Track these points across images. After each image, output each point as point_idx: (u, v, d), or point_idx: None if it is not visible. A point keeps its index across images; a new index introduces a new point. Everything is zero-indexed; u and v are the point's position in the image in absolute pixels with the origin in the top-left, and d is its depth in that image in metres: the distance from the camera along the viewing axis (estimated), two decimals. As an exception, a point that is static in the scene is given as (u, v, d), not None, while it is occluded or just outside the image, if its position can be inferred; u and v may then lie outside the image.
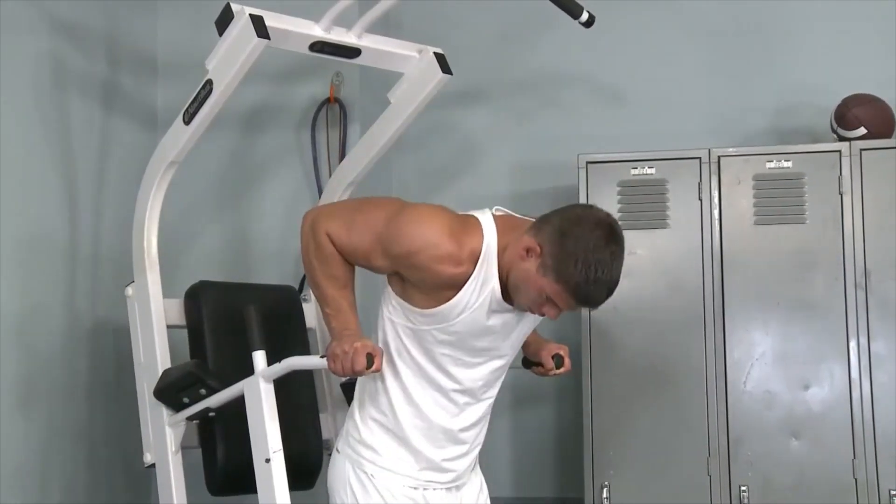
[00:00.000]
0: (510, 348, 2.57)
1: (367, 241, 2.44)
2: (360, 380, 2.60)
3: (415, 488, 2.53)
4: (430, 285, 2.39)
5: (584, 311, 3.58)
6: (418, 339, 2.47)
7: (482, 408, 2.59)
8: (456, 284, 2.38)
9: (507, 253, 2.39)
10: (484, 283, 2.39)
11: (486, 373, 2.54)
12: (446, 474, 2.57)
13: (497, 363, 2.55)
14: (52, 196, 3.58)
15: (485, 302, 2.40)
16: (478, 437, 2.63)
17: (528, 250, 2.34)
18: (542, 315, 2.44)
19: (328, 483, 2.62)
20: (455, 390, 2.51)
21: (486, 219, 2.43)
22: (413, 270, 2.39)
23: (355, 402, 2.60)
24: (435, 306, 2.41)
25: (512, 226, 2.44)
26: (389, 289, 2.51)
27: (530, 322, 2.56)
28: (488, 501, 2.71)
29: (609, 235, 2.33)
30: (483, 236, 2.39)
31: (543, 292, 2.35)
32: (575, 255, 2.29)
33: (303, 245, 2.51)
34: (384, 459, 2.52)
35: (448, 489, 2.58)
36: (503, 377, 2.62)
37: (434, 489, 2.55)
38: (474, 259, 2.37)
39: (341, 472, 2.56)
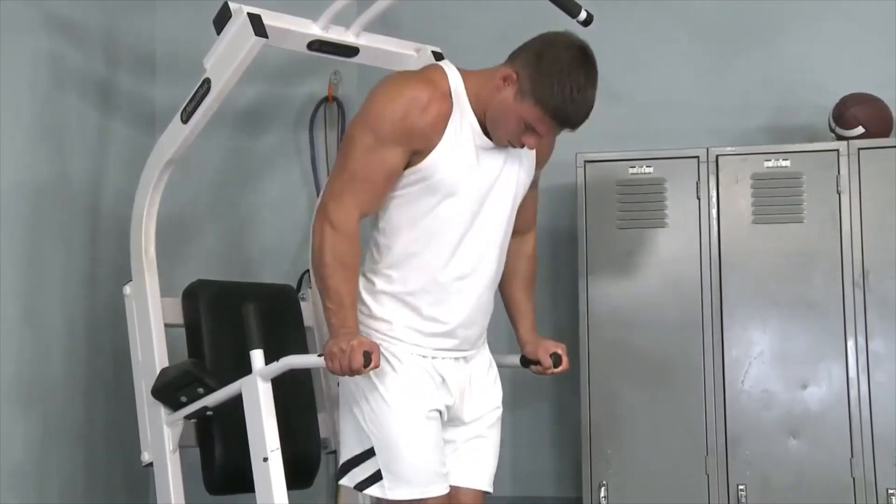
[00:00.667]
0: (506, 194, 2.57)
1: (368, 161, 2.44)
2: (366, 256, 2.59)
3: (423, 357, 2.53)
4: (428, 138, 2.43)
5: (583, 312, 3.58)
6: (417, 203, 2.49)
7: (488, 271, 2.57)
8: (442, 126, 2.44)
9: (481, 90, 2.48)
10: (462, 118, 2.47)
11: (488, 223, 2.54)
12: (454, 340, 2.56)
13: (498, 211, 2.56)
14: (50, 195, 3.57)
15: (468, 137, 2.47)
16: (487, 303, 2.61)
17: (504, 79, 2.44)
18: (522, 146, 2.49)
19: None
20: (462, 247, 2.51)
21: (445, 63, 2.56)
22: (413, 137, 2.43)
23: (361, 280, 2.56)
24: (426, 156, 2.44)
25: (476, 73, 2.54)
26: (380, 213, 2.54)
27: (518, 168, 2.58)
28: (498, 378, 2.71)
29: (583, 56, 2.43)
30: (447, 75, 2.50)
31: (522, 119, 2.42)
32: (551, 75, 2.38)
33: (316, 238, 2.48)
34: (394, 329, 2.52)
35: (456, 359, 2.58)
36: (507, 240, 2.61)
37: (443, 358, 2.55)
38: (448, 94, 2.47)
39: None
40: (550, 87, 2.38)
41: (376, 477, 2.49)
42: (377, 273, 2.56)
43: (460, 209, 2.50)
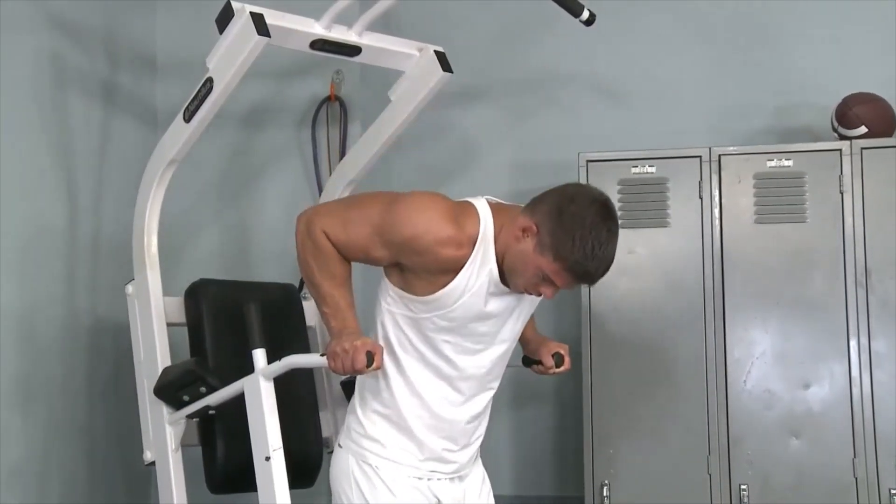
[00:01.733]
0: (510, 333, 2.57)
1: (364, 233, 2.45)
2: (360, 375, 2.60)
3: (419, 479, 2.53)
4: (430, 270, 2.41)
5: (585, 311, 3.58)
6: (419, 328, 2.48)
7: (485, 398, 2.60)
8: (455, 268, 2.40)
9: (501, 236, 2.42)
10: (482, 266, 2.41)
11: (488, 360, 2.54)
12: (449, 465, 2.57)
13: (499, 349, 2.56)
14: (52, 194, 3.58)
15: (483, 285, 2.42)
16: (479, 427, 2.63)
17: (524, 230, 2.38)
18: (539, 295, 2.46)
19: (331, 479, 2.62)
20: (458, 378, 2.52)
21: (481, 204, 2.47)
22: (414, 256, 2.40)
23: (356, 397, 2.60)
24: (434, 292, 2.42)
25: (503, 211, 2.48)
26: (387, 281, 2.52)
27: (528, 306, 2.57)
28: (491, 493, 2.71)
29: (605, 212, 2.39)
30: (479, 220, 2.43)
31: (541, 271, 2.38)
32: (572, 231, 2.33)
33: (298, 246, 2.51)
34: (388, 451, 2.52)
35: (451, 479, 2.59)
36: (505, 365, 2.62)
37: (438, 479, 2.56)
38: (472, 242, 2.41)
39: (344, 466, 2.56)
40: (571, 243, 2.32)
41: None
42: (371, 390, 2.56)
43: (460, 346, 2.50)
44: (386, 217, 2.42)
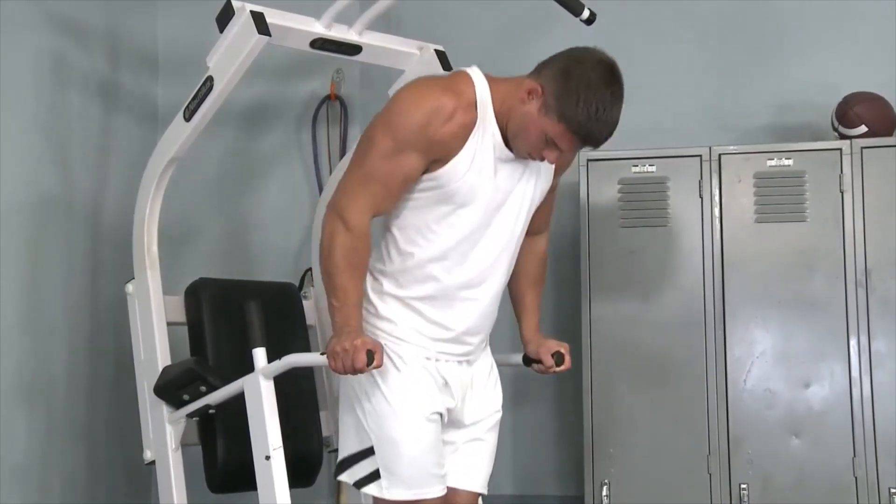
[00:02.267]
0: (519, 205, 2.54)
1: (385, 165, 2.42)
2: (374, 255, 2.57)
3: (427, 358, 2.52)
4: (450, 148, 2.41)
5: (585, 311, 3.58)
6: (430, 211, 2.47)
7: (495, 284, 2.56)
8: (465, 134, 2.41)
9: (505, 101, 2.44)
10: (485, 130, 2.44)
11: (498, 233, 2.52)
12: (459, 346, 2.55)
13: (507, 229, 2.53)
14: (52, 193, 3.58)
15: (489, 149, 2.44)
16: (489, 313, 2.60)
17: (529, 92, 2.40)
18: (543, 159, 2.46)
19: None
20: (469, 260, 2.50)
21: (472, 70, 2.51)
22: (434, 145, 2.40)
23: (368, 279, 2.56)
24: (446, 163, 2.42)
25: (502, 81, 2.50)
26: (393, 214, 2.51)
27: (534, 182, 2.55)
28: (499, 382, 2.70)
29: (610, 74, 2.40)
30: (474, 84, 2.46)
31: (545, 133, 2.39)
32: (577, 92, 2.34)
33: (325, 235, 2.46)
34: (399, 329, 2.51)
35: (460, 362, 2.57)
36: (514, 256, 2.59)
37: (447, 360, 2.54)
38: (473, 104, 2.43)
39: None
40: (576, 104, 2.34)
41: (374, 476, 2.49)
42: (385, 275, 2.55)
43: (473, 220, 2.49)
44: (389, 132, 2.41)
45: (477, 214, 2.49)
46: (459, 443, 2.61)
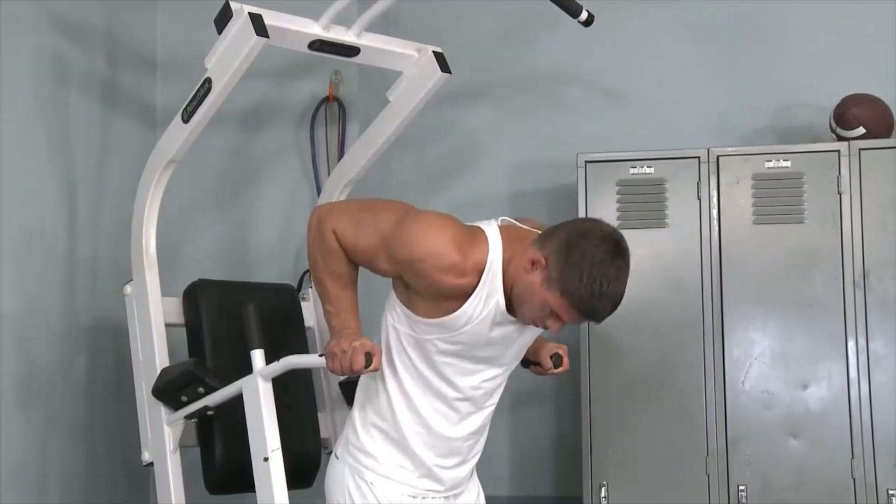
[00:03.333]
0: (512, 358, 2.57)
1: (372, 242, 2.44)
2: (360, 385, 2.60)
3: (413, 497, 2.53)
4: (432, 294, 2.39)
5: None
6: (420, 348, 2.47)
7: (482, 416, 2.59)
8: (459, 296, 2.37)
9: (511, 265, 2.38)
10: (489, 296, 2.38)
11: (487, 380, 2.53)
12: (445, 482, 2.57)
13: (498, 370, 2.55)
14: (52, 194, 3.58)
15: (489, 314, 2.40)
16: (476, 445, 2.63)
17: (533, 263, 2.33)
18: (546, 328, 2.42)
19: (326, 487, 2.62)
20: (456, 398, 2.51)
21: (491, 230, 2.42)
22: (416, 278, 2.39)
23: (356, 408, 2.59)
24: (439, 317, 2.40)
25: (517, 237, 2.43)
26: (394, 295, 2.51)
27: (532, 333, 2.56)
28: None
29: (615, 250, 2.32)
30: (489, 249, 2.38)
31: (548, 306, 2.33)
32: (580, 268, 2.28)
33: (308, 240, 2.51)
34: (384, 467, 2.51)
35: (446, 497, 2.58)
36: (504, 385, 2.61)
37: (433, 498, 2.55)
38: (479, 271, 2.36)
39: (340, 478, 2.56)
40: (579, 280, 2.28)
41: None
42: (372, 404, 2.55)
43: (461, 369, 2.49)
44: (394, 232, 2.40)
45: (467, 364, 2.49)
46: None
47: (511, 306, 2.40)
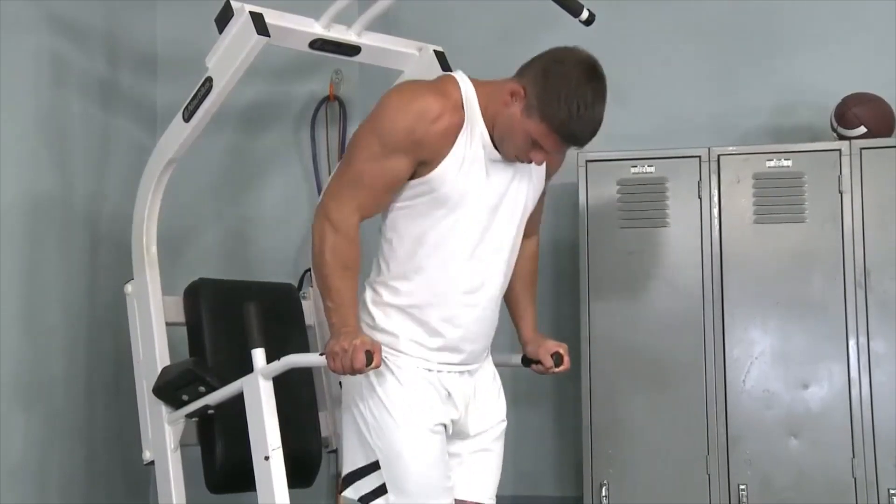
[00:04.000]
0: (514, 205, 2.55)
1: (373, 168, 2.43)
2: (374, 266, 2.58)
3: (429, 370, 2.51)
4: (438, 149, 2.41)
5: (584, 311, 3.58)
6: (426, 219, 2.47)
7: (494, 287, 2.56)
8: (454, 135, 2.42)
9: (490, 103, 2.45)
10: (473, 131, 2.44)
11: (496, 236, 2.53)
12: (460, 355, 2.54)
13: (505, 225, 2.54)
14: (52, 193, 3.57)
15: (479, 148, 2.45)
16: (490, 318, 2.59)
17: (512, 94, 2.40)
18: (530, 161, 2.46)
19: (343, 387, 2.59)
20: (468, 263, 2.50)
21: (458, 73, 2.52)
22: (422, 147, 2.41)
23: (367, 291, 2.56)
24: (437, 166, 2.42)
25: (488, 84, 2.50)
26: (389, 216, 2.52)
27: (528, 181, 2.56)
28: (502, 391, 2.69)
29: (591, 73, 2.39)
30: (459, 86, 2.47)
31: (529, 135, 2.40)
32: (558, 92, 2.35)
33: (316, 238, 2.47)
34: (399, 342, 2.50)
35: (461, 373, 2.56)
36: (513, 260, 2.60)
37: (448, 371, 2.54)
38: (459, 106, 2.44)
39: None
40: (557, 103, 2.34)
41: (381, 490, 2.48)
42: (383, 284, 2.54)
43: (469, 222, 2.49)
44: (377, 135, 2.42)
45: (472, 216, 2.49)
46: (465, 454, 2.61)
47: (497, 146, 2.46)
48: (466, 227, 2.49)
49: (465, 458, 2.61)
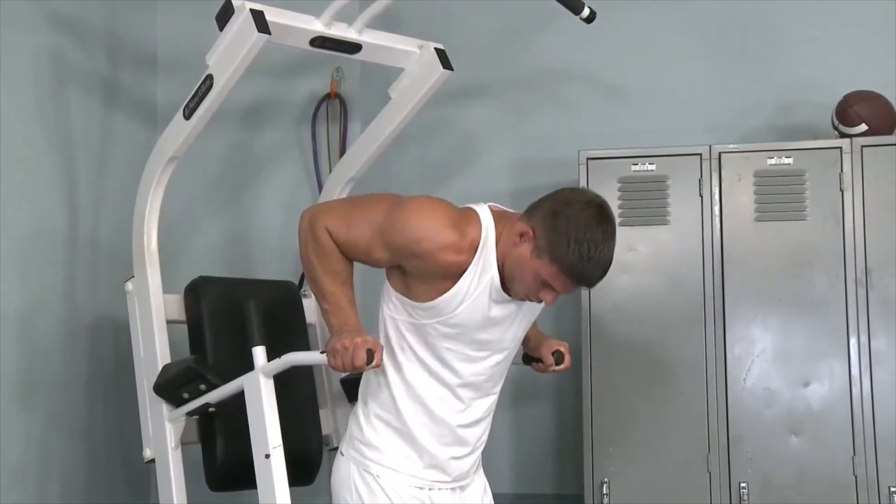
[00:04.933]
0: (512, 340, 2.57)
1: (366, 234, 2.45)
2: (363, 380, 2.60)
3: (420, 488, 2.53)
4: (431, 274, 2.41)
5: (585, 310, 3.58)
6: (421, 335, 2.48)
7: (486, 404, 2.59)
8: (456, 274, 2.40)
9: (501, 242, 2.43)
10: (483, 272, 2.42)
11: (489, 367, 2.54)
12: (451, 473, 2.57)
13: (499, 356, 2.56)
14: (53, 192, 3.57)
15: (485, 291, 2.43)
16: (482, 435, 2.63)
17: (521, 235, 2.39)
18: (540, 301, 2.45)
19: (332, 486, 2.62)
20: (459, 385, 2.52)
21: (483, 210, 2.48)
22: (415, 260, 2.41)
23: (359, 404, 2.60)
24: (435, 297, 2.42)
25: (506, 217, 2.49)
26: (388, 285, 2.52)
27: (530, 313, 2.58)
28: (492, 502, 2.71)
29: (600, 214, 2.39)
30: (481, 226, 2.43)
31: (539, 276, 2.38)
32: (567, 234, 2.34)
33: (301, 242, 2.52)
34: (389, 459, 2.52)
35: (453, 489, 2.58)
36: (506, 372, 2.62)
37: (439, 489, 2.55)
38: (474, 248, 2.41)
39: (346, 474, 2.56)
40: (567, 246, 2.33)
41: None
42: (376, 398, 2.56)
43: (464, 354, 2.50)
44: (388, 219, 2.43)
45: (468, 348, 2.50)
46: None
47: (505, 285, 2.44)
48: (459, 357, 2.50)
49: None
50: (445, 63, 3.15)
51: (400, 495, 2.50)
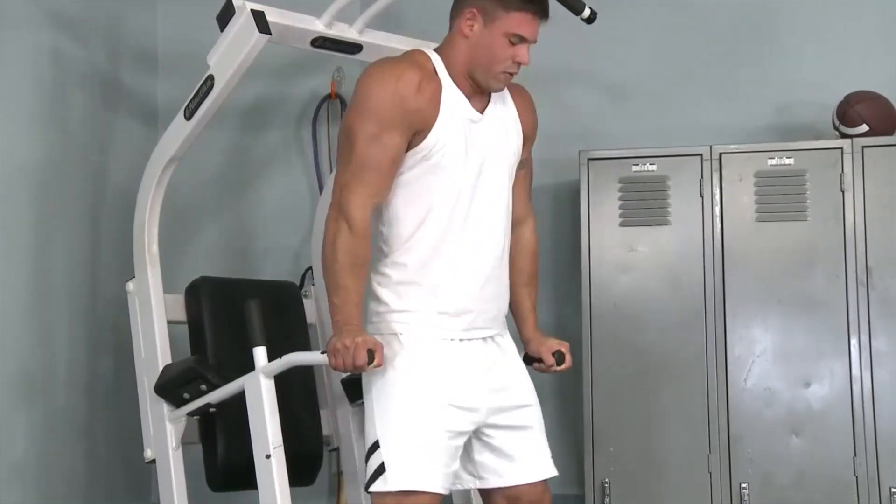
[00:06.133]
0: (500, 158, 2.60)
1: (372, 148, 2.45)
2: (374, 258, 2.58)
3: (452, 339, 2.51)
4: (427, 118, 2.47)
5: (585, 309, 3.58)
6: (421, 186, 2.50)
7: (497, 246, 2.58)
8: (437, 99, 2.49)
9: (453, 59, 2.54)
10: (450, 93, 2.52)
11: (488, 195, 2.56)
12: (477, 317, 2.54)
13: (495, 183, 2.58)
14: (52, 192, 3.57)
15: (459, 111, 2.52)
16: (500, 279, 2.60)
17: (468, 20, 2.53)
18: (519, 66, 2.57)
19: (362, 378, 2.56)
20: (467, 225, 2.52)
21: (422, 47, 2.63)
22: (413, 116, 2.46)
23: (375, 278, 2.55)
24: (428, 135, 2.48)
25: (443, 45, 2.61)
26: (381, 213, 2.54)
27: (506, 136, 2.63)
28: (526, 370, 2.69)
29: None
30: (429, 56, 2.56)
31: (504, 35, 2.51)
32: None
33: (330, 233, 2.46)
34: (415, 315, 2.50)
35: (484, 340, 2.57)
36: (508, 216, 2.62)
37: (471, 339, 2.53)
38: (435, 73, 2.53)
39: None
40: None
41: (380, 470, 2.43)
42: (390, 265, 2.54)
43: (461, 183, 2.52)
44: (366, 112, 2.46)
45: (463, 177, 2.52)
46: (500, 436, 2.57)
47: (478, 97, 2.56)
48: (458, 188, 2.52)
49: (499, 440, 2.56)
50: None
51: (424, 347, 2.48)
